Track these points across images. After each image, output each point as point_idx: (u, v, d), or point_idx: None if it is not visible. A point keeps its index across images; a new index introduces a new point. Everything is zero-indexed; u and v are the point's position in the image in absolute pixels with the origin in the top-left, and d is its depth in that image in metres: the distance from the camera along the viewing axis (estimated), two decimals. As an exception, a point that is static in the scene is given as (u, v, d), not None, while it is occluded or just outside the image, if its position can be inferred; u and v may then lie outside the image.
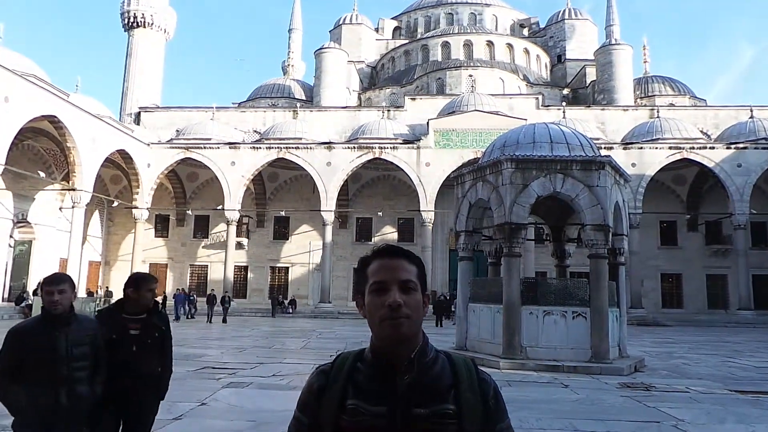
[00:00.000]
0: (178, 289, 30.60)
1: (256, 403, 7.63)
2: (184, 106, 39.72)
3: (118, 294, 33.57)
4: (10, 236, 28.33)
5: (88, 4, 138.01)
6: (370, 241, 36.19)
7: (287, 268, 36.88)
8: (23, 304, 25.18)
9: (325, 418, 1.34)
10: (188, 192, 37.45)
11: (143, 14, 40.05)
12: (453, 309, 24.51)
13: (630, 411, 7.56)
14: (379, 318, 1.33)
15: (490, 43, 48.24)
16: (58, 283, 3.24)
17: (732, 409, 7.82)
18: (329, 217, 32.32)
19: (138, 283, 3.68)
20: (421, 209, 31.96)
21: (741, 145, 31.36)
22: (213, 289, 29.36)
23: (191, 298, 29.36)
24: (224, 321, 25.88)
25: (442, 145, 32.53)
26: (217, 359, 12.11)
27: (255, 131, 37.48)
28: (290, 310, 32.84)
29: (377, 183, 36.74)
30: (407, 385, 1.32)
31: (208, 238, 37.22)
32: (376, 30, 54.46)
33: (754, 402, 8.41)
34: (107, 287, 34.81)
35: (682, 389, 9.38)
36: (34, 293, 24.74)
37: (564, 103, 40.47)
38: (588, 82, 45.43)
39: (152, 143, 33.54)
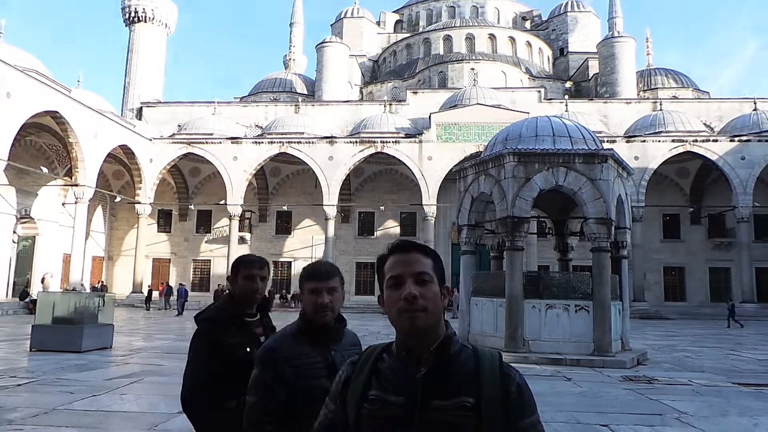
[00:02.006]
0: (180, 284, 30.79)
1: (260, 396, 7.65)
2: (186, 101, 39.71)
3: (113, 287, 33.94)
4: (14, 232, 28.42)
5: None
6: (373, 235, 36.23)
7: (290, 262, 36.94)
8: (27, 300, 25.28)
9: (349, 406, 1.39)
10: (191, 187, 37.51)
11: (144, 9, 39.98)
12: (454, 303, 24.49)
13: (633, 404, 7.58)
14: (397, 311, 1.36)
15: (492, 36, 48.05)
16: (327, 276, 2.08)
17: (735, 401, 7.83)
18: (331, 211, 32.34)
19: (243, 266, 2.57)
20: (423, 203, 31.95)
21: (744, 138, 31.24)
22: (220, 284, 29.07)
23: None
24: None
25: (444, 139, 32.47)
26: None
27: (257, 126, 37.47)
28: (293, 305, 32.91)
29: (379, 177, 36.72)
30: (424, 376, 1.33)
31: (210, 232, 37.29)
32: (378, 23, 54.29)
33: (757, 395, 8.41)
34: (101, 281, 34.88)
35: (684, 382, 9.39)
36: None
37: (566, 97, 40.32)
38: (590, 75, 45.24)
39: (154, 138, 33.55)
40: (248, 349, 2.37)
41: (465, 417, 1.29)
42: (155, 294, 31.70)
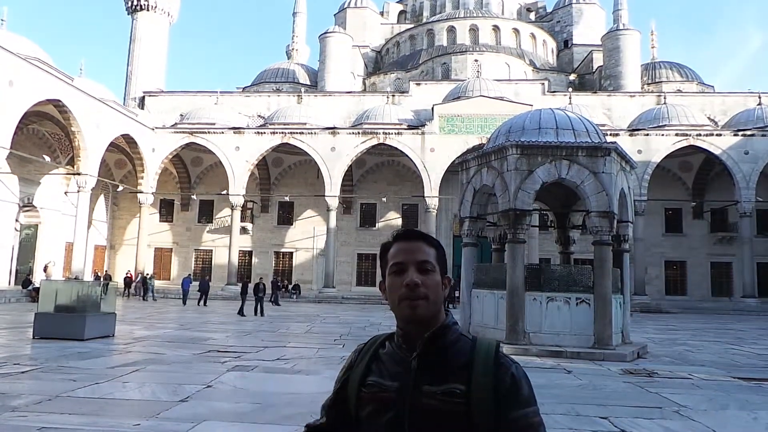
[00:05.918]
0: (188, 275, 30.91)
1: (261, 386, 7.70)
2: (189, 91, 39.60)
3: (115, 276, 33.93)
4: (16, 220, 28.49)
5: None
6: (374, 226, 36.25)
7: (291, 253, 37.02)
8: (30, 288, 25.39)
9: (350, 390, 1.45)
10: (193, 177, 37.53)
11: (147, -3, 39.77)
12: (456, 295, 24.48)
13: (632, 397, 7.60)
14: (398, 298, 1.38)
15: (496, 28, 47.78)
16: None
17: (734, 395, 7.84)
18: (333, 202, 32.34)
19: None
20: (425, 195, 31.92)
21: (748, 132, 31.11)
22: (245, 277, 25.06)
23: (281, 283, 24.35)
24: (241, 313, 20.49)
25: (447, 130, 32.39)
26: (222, 343, 12.21)
27: (259, 116, 37.39)
28: (294, 296, 32.99)
29: (382, 168, 36.67)
30: (417, 362, 1.37)
31: (212, 222, 37.36)
32: (381, 14, 54.02)
33: (757, 389, 8.42)
34: (106, 272, 34.94)
35: (684, 376, 9.41)
36: None
37: (570, 89, 40.15)
38: (595, 67, 45.00)
39: (156, 128, 33.53)
40: None
41: (454, 403, 1.31)
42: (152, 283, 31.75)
